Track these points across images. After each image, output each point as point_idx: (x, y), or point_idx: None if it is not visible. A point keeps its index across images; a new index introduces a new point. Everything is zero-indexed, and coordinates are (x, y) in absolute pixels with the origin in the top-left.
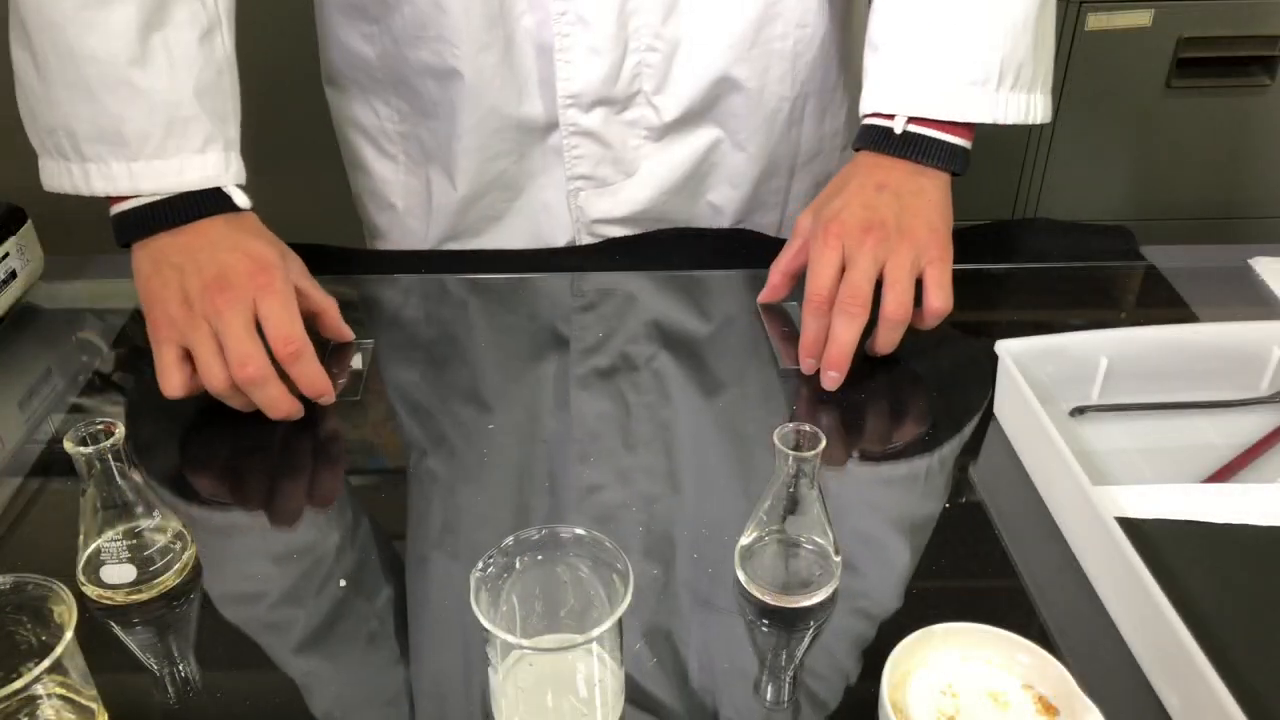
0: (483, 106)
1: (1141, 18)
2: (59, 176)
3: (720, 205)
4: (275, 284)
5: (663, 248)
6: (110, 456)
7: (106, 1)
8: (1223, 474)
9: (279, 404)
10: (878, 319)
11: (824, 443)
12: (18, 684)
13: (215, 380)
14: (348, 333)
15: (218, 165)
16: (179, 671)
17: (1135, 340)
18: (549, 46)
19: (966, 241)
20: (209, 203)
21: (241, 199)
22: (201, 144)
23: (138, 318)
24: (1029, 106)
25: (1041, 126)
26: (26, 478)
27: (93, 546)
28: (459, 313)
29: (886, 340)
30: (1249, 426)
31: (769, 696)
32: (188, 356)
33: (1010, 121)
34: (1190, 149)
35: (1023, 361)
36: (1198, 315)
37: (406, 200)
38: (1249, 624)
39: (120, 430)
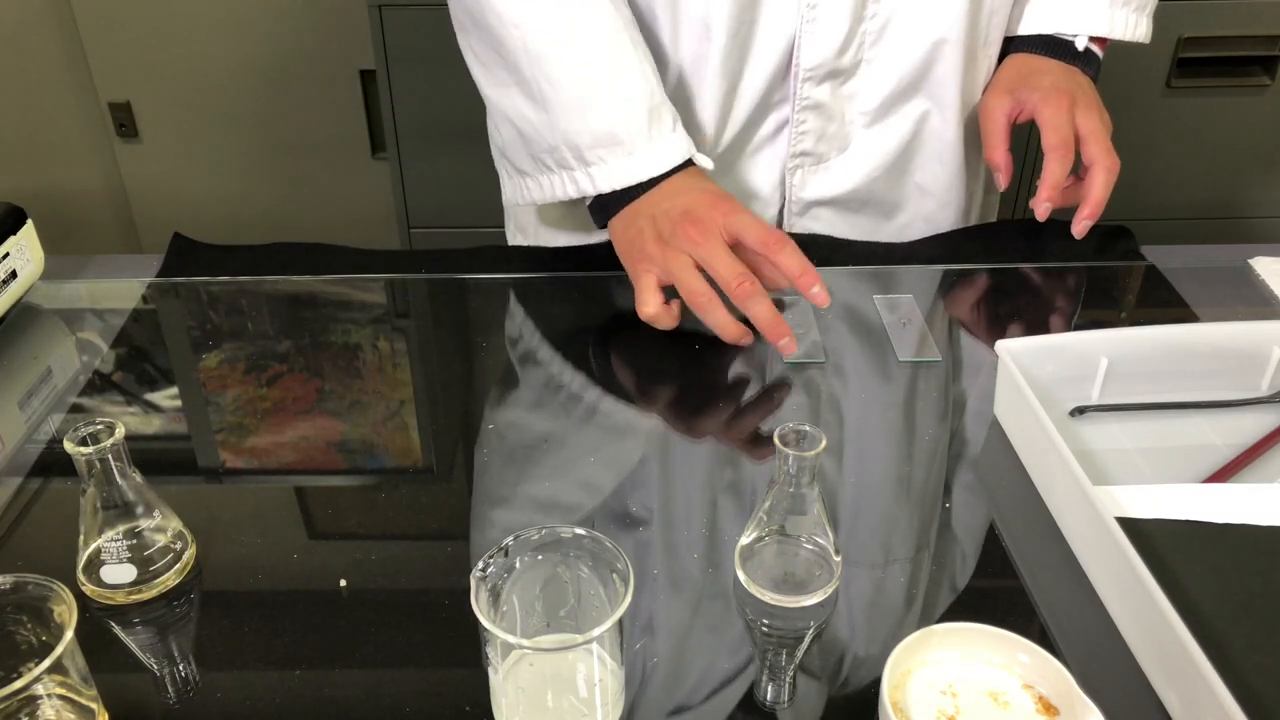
0: (723, 87)
1: None
2: (560, 186)
3: (927, 185)
4: (738, 208)
5: None
6: (110, 456)
7: (573, 25)
8: (1223, 474)
9: (764, 319)
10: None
11: (824, 443)
12: (18, 684)
13: (701, 298)
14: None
15: (685, 138)
16: (179, 671)
17: (1135, 340)
18: (792, 21)
19: (965, 240)
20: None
21: (706, 162)
22: (671, 123)
23: (138, 317)
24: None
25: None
26: (26, 478)
27: (93, 546)
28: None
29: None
30: (1249, 426)
31: (769, 696)
32: (662, 287)
33: (1146, 40)
34: (1190, 149)
35: (1023, 361)
36: (1198, 315)
37: None
38: (1249, 624)
39: (120, 430)
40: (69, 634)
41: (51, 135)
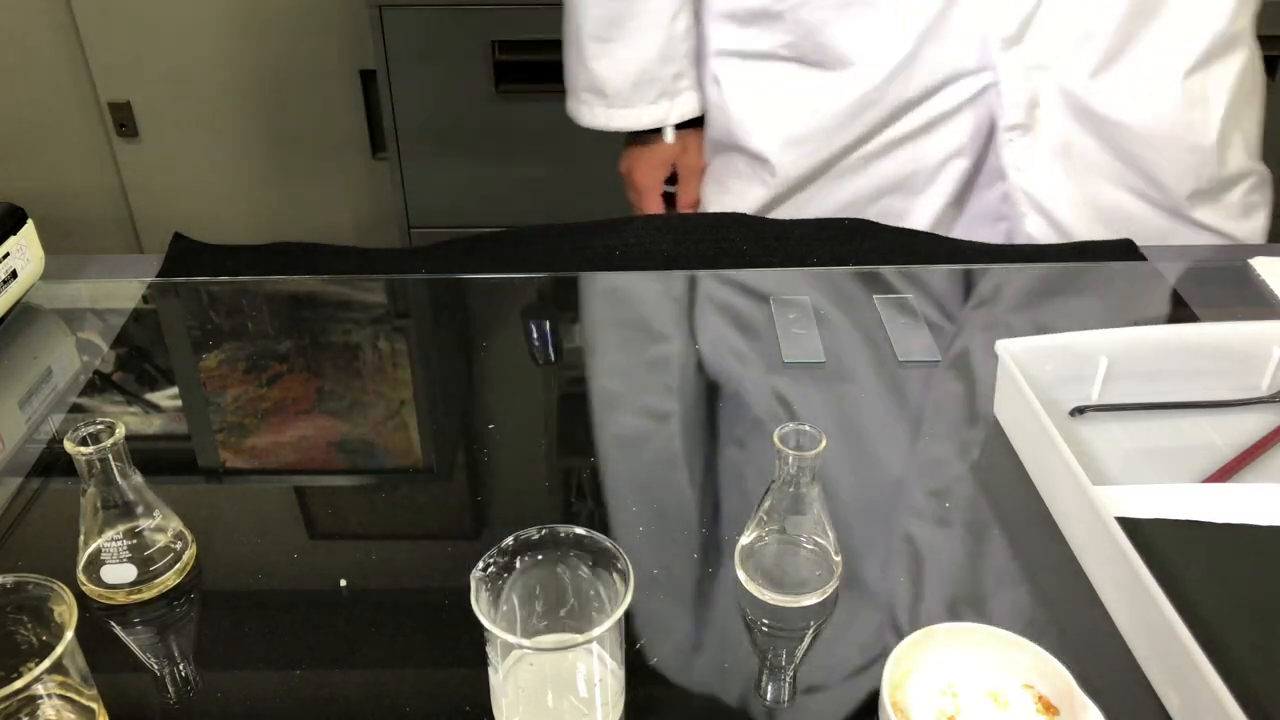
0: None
1: None
2: (573, 111)
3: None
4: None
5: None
6: (110, 456)
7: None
8: (1223, 474)
9: None
10: None
11: (824, 443)
12: (18, 684)
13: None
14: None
15: (664, 112)
16: (179, 671)
17: (1135, 340)
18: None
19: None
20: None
21: (670, 135)
22: (655, 97)
23: (138, 317)
24: None
25: None
26: (26, 478)
27: (93, 546)
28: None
29: None
30: (1249, 426)
31: (769, 696)
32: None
33: None
34: None
35: (1023, 361)
36: (1198, 315)
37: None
38: (1249, 624)
39: (120, 430)
40: (69, 634)
41: (51, 135)
